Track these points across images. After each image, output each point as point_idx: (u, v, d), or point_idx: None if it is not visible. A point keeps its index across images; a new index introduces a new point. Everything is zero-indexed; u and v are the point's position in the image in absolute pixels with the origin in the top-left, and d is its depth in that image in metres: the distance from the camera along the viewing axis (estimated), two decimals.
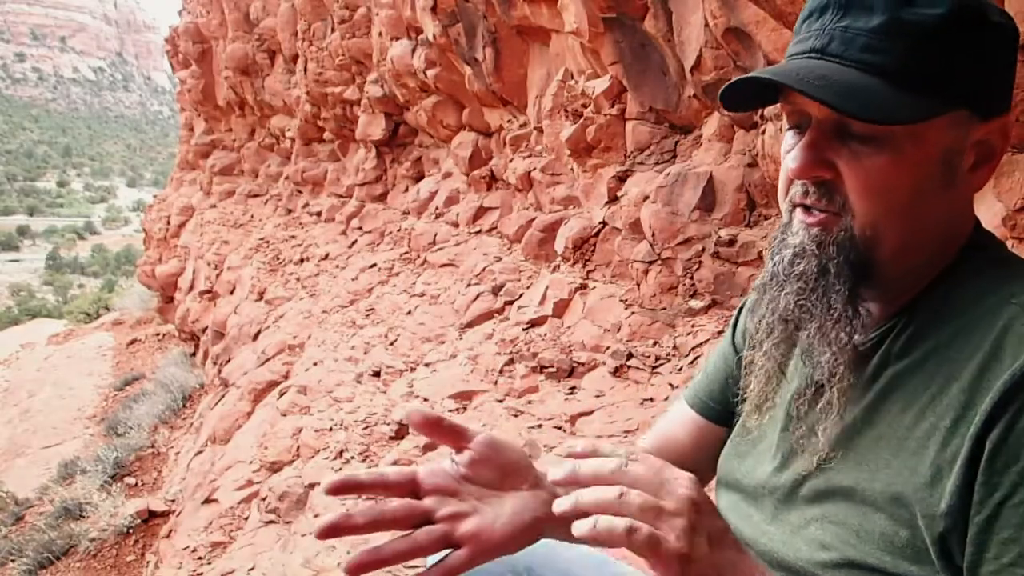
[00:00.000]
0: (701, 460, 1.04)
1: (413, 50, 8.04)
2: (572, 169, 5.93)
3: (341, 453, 4.25)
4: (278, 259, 10.53)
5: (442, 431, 0.79)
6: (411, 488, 0.77)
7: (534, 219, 6.25)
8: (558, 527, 0.72)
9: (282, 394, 5.82)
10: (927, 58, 0.69)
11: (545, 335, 4.91)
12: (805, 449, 0.79)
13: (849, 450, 0.75)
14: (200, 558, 4.43)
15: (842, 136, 0.73)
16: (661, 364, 4.01)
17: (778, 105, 0.79)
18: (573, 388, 4.27)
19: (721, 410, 1.03)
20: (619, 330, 4.48)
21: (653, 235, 4.46)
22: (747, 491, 0.88)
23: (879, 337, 0.78)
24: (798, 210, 0.78)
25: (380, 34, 8.80)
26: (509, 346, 4.93)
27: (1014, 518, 0.62)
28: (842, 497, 0.74)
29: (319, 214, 11.34)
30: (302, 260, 10.07)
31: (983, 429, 0.64)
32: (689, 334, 4.06)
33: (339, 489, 0.74)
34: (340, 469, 4.03)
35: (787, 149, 0.78)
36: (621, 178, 5.17)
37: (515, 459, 0.80)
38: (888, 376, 0.75)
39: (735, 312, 1.06)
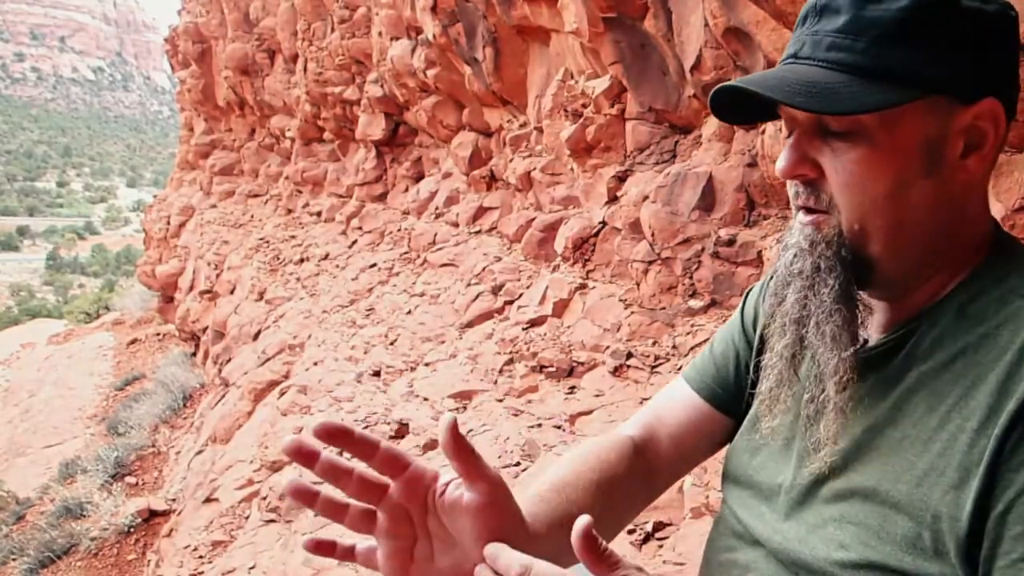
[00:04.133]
0: (700, 445, 1.02)
1: (413, 50, 8.04)
2: (572, 169, 5.94)
3: (341, 452, 4.25)
4: (278, 259, 10.53)
5: (459, 450, 0.68)
6: (395, 470, 0.71)
7: (534, 219, 6.25)
8: None
9: (282, 394, 5.82)
10: (890, 50, 0.70)
11: (545, 335, 4.91)
12: (817, 450, 0.78)
13: (871, 450, 0.74)
14: (201, 557, 4.44)
15: (823, 135, 0.74)
16: (660, 364, 4.02)
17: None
18: (573, 388, 4.27)
19: (727, 397, 1.01)
20: (619, 330, 4.48)
21: (653, 235, 4.47)
22: (760, 488, 0.87)
23: (899, 339, 0.77)
24: (800, 211, 0.79)
25: (380, 34, 8.80)
26: (509, 346, 4.94)
27: None
28: (862, 498, 0.73)
29: (319, 214, 11.35)
30: (302, 260, 10.07)
31: (1007, 430, 0.64)
32: (688, 334, 4.06)
33: (329, 433, 0.71)
34: None
35: None
36: (621, 178, 5.18)
37: (508, 525, 0.71)
38: (912, 377, 0.74)
39: (742, 299, 1.06)
